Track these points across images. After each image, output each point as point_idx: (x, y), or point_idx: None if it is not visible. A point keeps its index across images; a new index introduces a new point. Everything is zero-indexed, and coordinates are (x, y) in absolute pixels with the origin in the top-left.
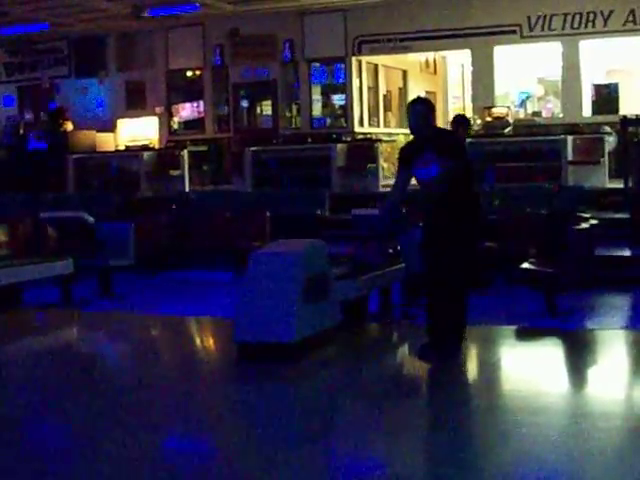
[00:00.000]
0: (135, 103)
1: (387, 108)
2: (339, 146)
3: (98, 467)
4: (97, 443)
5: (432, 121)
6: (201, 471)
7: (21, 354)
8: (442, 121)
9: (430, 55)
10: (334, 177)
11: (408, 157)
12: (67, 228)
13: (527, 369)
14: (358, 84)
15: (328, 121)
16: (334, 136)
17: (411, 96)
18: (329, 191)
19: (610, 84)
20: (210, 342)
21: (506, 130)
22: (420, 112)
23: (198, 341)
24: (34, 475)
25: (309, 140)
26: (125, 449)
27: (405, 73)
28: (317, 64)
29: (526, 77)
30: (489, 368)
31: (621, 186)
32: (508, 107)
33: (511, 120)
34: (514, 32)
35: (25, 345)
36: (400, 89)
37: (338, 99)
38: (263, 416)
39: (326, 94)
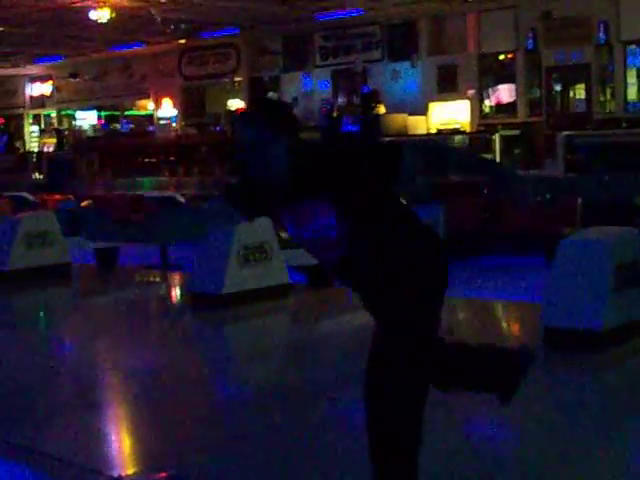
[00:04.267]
0: (446, 87)
1: None
2: None
3: None
4: None
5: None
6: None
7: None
8: None
9: None
10: None
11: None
12: None
13: None
14: None
15: None
16: None
17: None
18: None
19: None
20: (516, 326)
21: None
22: (254, 142)
23: (504, 324)
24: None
25: (624, 125)
26: (431, 428)
27: None
28: (633, 46)
29: None
30: None
31: None
32: None
33: None
34: None
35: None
36: None
37: None
38: (564, 403)
39: None
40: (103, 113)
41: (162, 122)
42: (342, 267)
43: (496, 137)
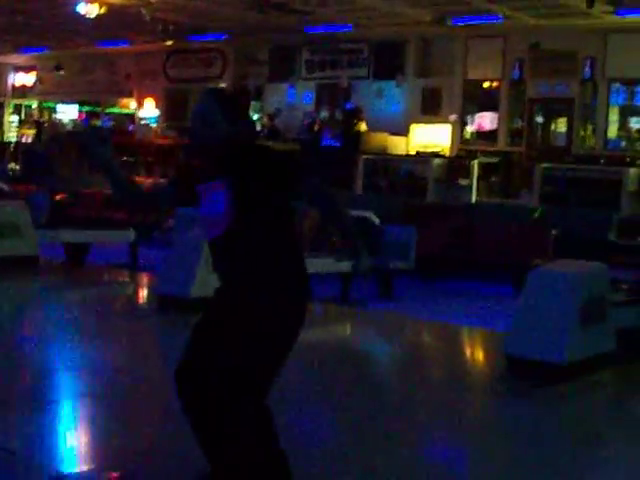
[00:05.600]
0: (429, 109)
1: None
2: (632, 170)
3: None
4: (361, 438)
5: (231, 126)
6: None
7: None
8: None
9: None
10: (624, 201)
11: (187, 184)
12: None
13: None
14: None
15: (623, 144)
16: (627, 160)
17: None
18: (618, 215)
19: None
20: (479, 353)
21: None
22: (203, 110)
23: (468, 350)
24: None
25: (601, 161)
26: (382, 447)
27: None
28: (617, 84)
29: None
30: None
31: None
32: None
33: None
34: None
35: None
36: None
37: (636, 122)
38: (521, 433)
39: (624, 116)
40: (85, 108)
41: (142, 122)
42: (217, 246)
43: (475, 163)
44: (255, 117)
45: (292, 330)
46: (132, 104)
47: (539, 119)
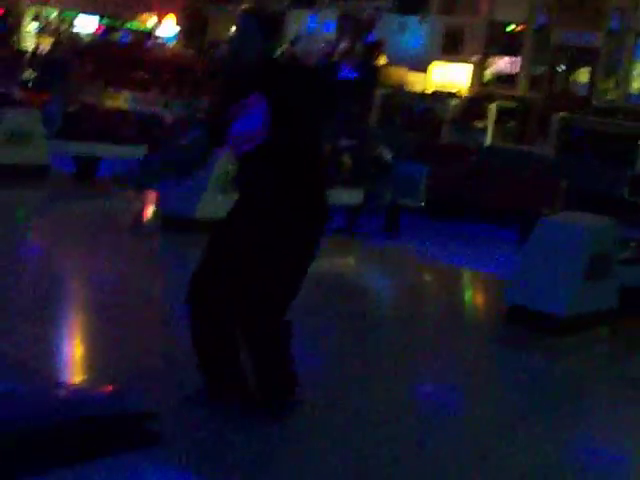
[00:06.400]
0: (451, 48)
1: None
2: None
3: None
4: (358, 372)
5: (268, 46)
6: (447, 419)
7: None
8: None
9: None
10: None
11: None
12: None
13: None
14: None
15: None
16: None
17: None
18: (631, 171)
19: None
20: (480, 298)
21: None
22: (243, 30)
23: (469, 294)
24: None
25: (620, 116)
26: (378, 381)
27: None
28: None
29: None
30: None
31: None
32: None
33: None
34: None
35: None
36: None
37: None
38: (517, 381)
39: None
40: (104, 21)
41: (160, 40)
42: (248, 161)
43: (492, 107)
44: None
45: (312, 248)
46: (151, 21)
47: (561, 67)
